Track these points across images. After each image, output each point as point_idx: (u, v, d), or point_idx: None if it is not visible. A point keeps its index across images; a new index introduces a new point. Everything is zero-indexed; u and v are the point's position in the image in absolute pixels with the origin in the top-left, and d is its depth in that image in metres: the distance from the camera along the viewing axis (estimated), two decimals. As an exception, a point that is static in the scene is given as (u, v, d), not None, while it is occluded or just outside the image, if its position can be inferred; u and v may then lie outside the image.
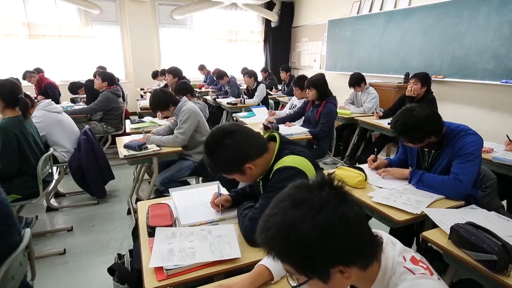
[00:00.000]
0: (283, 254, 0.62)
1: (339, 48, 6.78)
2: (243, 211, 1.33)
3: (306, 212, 0.61)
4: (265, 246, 0.65)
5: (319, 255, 0.60)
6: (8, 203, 1.17)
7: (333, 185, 0.65)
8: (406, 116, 1.67)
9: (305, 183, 0.67)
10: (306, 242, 0.59)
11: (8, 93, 2.14)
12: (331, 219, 0.60)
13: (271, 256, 0.65)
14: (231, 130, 1.22)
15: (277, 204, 0.66)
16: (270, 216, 0.65)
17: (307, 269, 0.62)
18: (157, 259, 1.10)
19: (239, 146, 1.20)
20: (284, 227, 0.61)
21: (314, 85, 3.07)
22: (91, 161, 2.99)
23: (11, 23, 6.30)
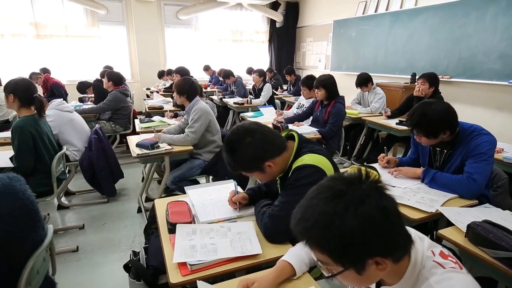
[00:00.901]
0: (323, 243, 0.64)
1: (345, 48, 6.80)
2: (261, 208, 1.36)
3: (348, 203, 0.63)
4: (303, 236, 0.67)
5: (359, 246, 0.62)
6: (34, 200, 1.19)
7: (372, 179, 0.67)
8: (424, 108, 1.68)
9: (343, 176, 0.69)
10: (348, 232, 0.62)
11: (24, 92, 2.17)
12: (373, 211, 0.62)
13: (308, 245, 0.67)
14: (251, 129, 1.24)
15: (315, 195, 0.68)
16: (309, 207, 0.67)
17: (345, 259, 0.65)
18: (180, 254, 1.13)
19: (259, 144, 1.22)
20: (325, 217, 0.63)
21: (323, 85, 3.08)
22: (101, 160, 3.02)
23: (19, 23, 6.36)
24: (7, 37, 6.29)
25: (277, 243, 1.23)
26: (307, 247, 0.69)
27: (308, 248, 1.05)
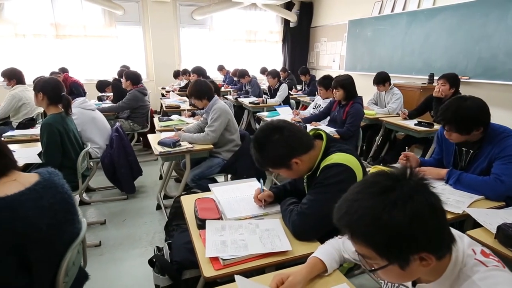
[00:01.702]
0: (369, 237, 0.66)
1: (360, 48, 6.75)
2: (287, 206, 1.37)
3: (397, 199, 0.64)
4: (348, 229, 0.69)
5: (406, 241, 0.64)
6: (72, 194, 1.24)
7: (419, 177, 0.68)
8: (459, 104, 1.64)
9: (388, 172, 0.71)
10: (396, 227, 0.63)
11: (53, 90, 2.24)
12: (422, 207, 0.64)
13: (353, 239, 0.68)
14: (279, 126, 1.26)
15: (360, 190, 0.70)
16: (355, 201, 0.69)
17: (390, 254, 0.66)
18: (212, 249, 1.15)
19: (287, 141, 1.24)
20: (373, 211, 0.65)
21: (342, 85, 3.08)
22: (122, 158, 3.09)
23: (40, 24, 6.53)
24: (29, 37, 6.47)
25: (305, 241, 1.24)
26: (351, 241, 0.70)
27: (344, 243, 1.08)
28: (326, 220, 1.25)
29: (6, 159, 1.10)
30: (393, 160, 3.72)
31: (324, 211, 1.24)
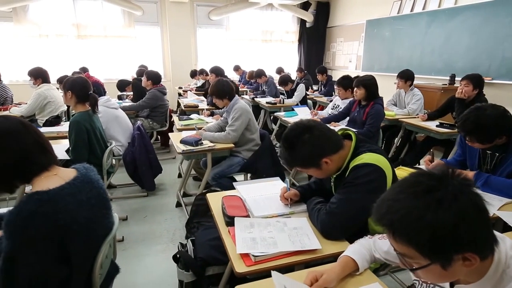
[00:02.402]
0: (412, 236, 0.66)
1: (377, 49, 6.68)
2: (314, 205, 1.38)
3: (442, 198, 0.65)
4: (390, 228, 0.69)
5: (450, 240, 0.64)
6: (105, 189, 1.28)
7: (462, 177, 0.69)
8: (478, 114, 1.63)
9: (430, 172, 0.71)
10: (440, 226, 0.63)
11: (80, 89, 2.31)
12: (466, 207, 0.64)
13: (395, 238, 0.69)
14: (310, 126, 1.27)
15: (402, 190, 0.70)
16: (396, 200, 0.69)
17: (432, 253, 0.66)
18: (242, 246, 1.17)
19: (318, 141, 1.25)
20: (417, 211, 0.65)
21: (364, 85, 3.06)
22: (143, 155, 3.15)
23: (62, 24, 6.72)
24: (52, 37, 6.67)
25: (333, 240, 1.25)
26: (391, 240, 0.71)
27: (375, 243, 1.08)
28: (355, 220, 1.27)
29: (49, 154, 1.15)
30: (412, 161, 3.67)
31: (353, 210, 1.25)
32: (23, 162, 1.07)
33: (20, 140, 1.08)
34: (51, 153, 1.16)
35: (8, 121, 1.10)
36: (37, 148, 1.11)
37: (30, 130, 1.12)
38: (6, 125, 1.08)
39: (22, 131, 1.09)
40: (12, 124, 1.09)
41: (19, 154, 1.07)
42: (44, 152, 1.12)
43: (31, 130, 1.12)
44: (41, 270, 1.01)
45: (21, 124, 1.11)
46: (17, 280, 0.99)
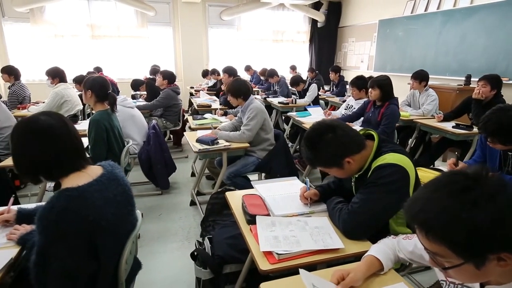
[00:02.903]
0: (446, 235, 0.67)
1: (390, 49, 6.62)
2: (335, 205, 1.39)
3: (478, 198, 0.65)
4: (423, 227, 0.70)
5: (486, 240, 0.64)
6: (130, 186, 1.31)
7: (497, 177, 0.68)
8: (500, 115, 1.61)
9: (464, 172, 0.71)
10: (476, 226, 0.63)
11: (100, 88, 2.36)
12: (503, 207, 0.64)
13: (428, 237, 0.69)
14: (333, 125, 1.27)
15: (436, 189, 0.70)
16: (430, 199, 0.69)
17: (467, 253, 0.66)
18: (265, 244, 1.18)
19: (341, 140, 1.25)
20: (452, 210, 0.66)
21: (379, 85, 3.04)
22: (158, 154, 3.19)
23: (77, 25, 6.84)
24: (67, 37, 6.79)
25: (355, 239, 1.25)
26: (424, 238, 0.71)
27: (399, 243, 1.08)
28: (377, 220, 1.27)
29: (80, 159, 1.17)
30: (427, 162, 3.63)
31: (376, 210, 1.25)
32: (54, 163, 1.10)
33: (60, 140, 1.11)
34: (83, 158, 1.18)
35: (54, 119, 1.13)
36: (72, 152, 1.14)
37: (70, 129, 1.15)
38: (49, 122, 1.11)
39: (65, 131, 1.12)
40: (55, 122, 1.12)
41: (54, 156, 1.10)
42: (78, 150, 1.15)
43: (70, 130, 1.15)
44: (72, 264, 1.03)
45: (62, 120, 1.14)
46: (49, 273, 1.02)
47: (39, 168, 1.11)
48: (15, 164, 1.12)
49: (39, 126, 1.10)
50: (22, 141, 1.10)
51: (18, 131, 1.12)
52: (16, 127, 1.13)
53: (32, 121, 1.12)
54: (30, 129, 1.11)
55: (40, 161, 1.09)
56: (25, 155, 1.10)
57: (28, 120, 1.13)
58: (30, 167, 1.12)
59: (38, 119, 1.12)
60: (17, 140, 1.10)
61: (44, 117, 1.13)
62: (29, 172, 1.13)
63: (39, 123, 1.11)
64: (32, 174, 1.13)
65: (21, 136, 1.10)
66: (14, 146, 1.11)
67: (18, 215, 1.35)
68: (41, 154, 1.08)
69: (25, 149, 1.10)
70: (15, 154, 1.11)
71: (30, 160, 1.10)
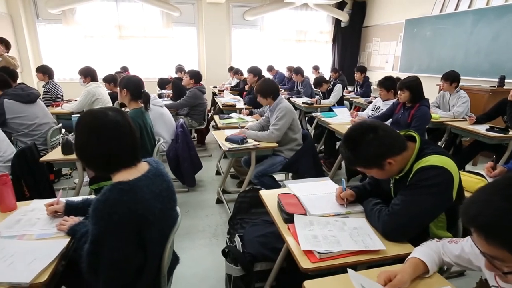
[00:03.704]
0: (506, 238, 0.66)
1: (417, 49, 6.47)
2: (373, 206, 1.38)
3: None
4: (482, 230, 0.69)
5: None
6: (173, 183, 1.35)
7: None
8: None
9: None
10: None
11: (135, 87, 2.43)
12: None
13: (487, 240, 0.68)
14: (374, 126, 1.26)
15: (495, 191, 0.69)
16: (488, 202, 0.69)
17: None
18: (305, 243, 1.19)
19: (383, 141, 1.24)
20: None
21: (408, 86, 2.98)
22: (185, 152, 3.25)
23: (106, 26, 7.07)
24: (96, 38, 7.03)
25: (395, 241, 1.24)
26: (482, 242, 0.70)
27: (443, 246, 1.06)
28: (418, 222, 1.26)
29: (136, 156, 1.21)
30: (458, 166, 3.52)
31: (417, 213, 1.23)
32: (114, 157, 1.14)
33: (120, 132, 1.15)
34: (138, 154, 1.22)
35: (113, 111, 1.17)
36: (133, 146, 1.19)
37: (132, 128, 1.19)
38: (117, 118, 1.16)
39: (124, 124, 1.17)
40: (115, 115, 1.16)
41: (115, 150, 1.14)
42: (135, 147, 1.20)
43: (132, 128, 1.20)
44: (122, 254, 1.08)
45: (123, 116, 1.19)
46: (101, 262, 1.07)
47: (99, 161, 1.15)
48: (78, 155, 1.17)
49: (107, 121, 1.14)
50: (88, 133, 1.14)
51: (85, 124, 1.15)
52: (83, 120, 1.16)
53: (100, 116, 1.15)
54: (98, 122, 1.14)
55: (102, 154, 1.13)
56: (90, 147, 1.14)
57: (96, 114, 1.16)
58: (93, 158, 1.16)
59: (106, 114, 1.16)
60: (84, 132, 1.14)
61: (111, 113, 1.17)
62: (90, 163, 1.18)
63: (107, 118, 1.14)
64: (93, 166, 1.18)
65: (88, 128, 1.14)
66: (79, 137, 1.15)
67: (66, 207, 1.42)
68: (104, 147, 1.12)
69: (90, 141, 1.13)
70: (80, 145, 1.15)
71: (94, 152, 1.14)
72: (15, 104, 2.89)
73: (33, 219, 1.39)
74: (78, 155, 1.18)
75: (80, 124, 1.16)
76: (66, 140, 2.34)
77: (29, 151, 2.44)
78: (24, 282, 1.00)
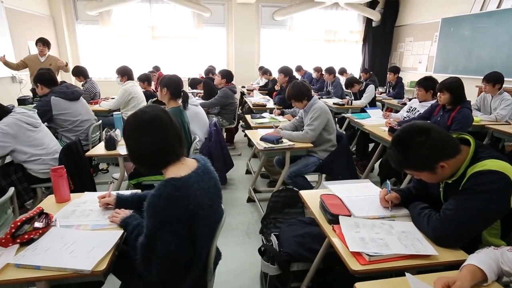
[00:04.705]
0: None
1: (454, 49, 6.21)
2: (421, 210, 1.34)
3: None
4: None
5: None
6: (218, 180, 1.38)
7: None
8: None
9: None
10: None
11: (175, 86, 2.50)
12: None
13: None
14: (426, 128, 1.23)
15: None
16: None
17: None
18: (353, 245, 1.18)
19: (436, 144, 1.20)
20: None
21: (448, 88, 2.87)
22: (218, 150, 3.31)
23: (140, 26, 7.32)
24: (130, 38, 7.30)
25: (447, 247, 1.20)
26: None
27: (502, 255, 1.02)
28: (472, 229, 1.21)
29: (183, 146, 1.26)
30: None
31: (472, 219, 1.19)
32: (165, 149, 1.19)
33: (166, 129, 1.20)
34: (183, 147, 1.27)
35: (158, 110, 1.23)
36: (176, 139, 1.23)
37: (173, 122, 1.24)
38: (156, 113, 1.21)
39: (168, 121, 1.22)
40: (161, 113, 1.22)
41: (163, 142, 1.19)
42: (180, 143, 1.24)
43: (174, 123, 1.24)
44: (175, 248, 1.12)
45: (167, 114, 1.24)
46: (155, 254, 1.12)
47: (151, 158, 1.20)
48: (131, 158, 1.24)
49: (147, 116, 1.19)
50: (134, 132, 1.20)
51: (129, 125, 1.22)
52: (127, 122, 1.23)
53: (139, 114, 1.22)
54: (140, 119, 1.20)
55: (149, 148, 1.18)
56: (138, 144, 1.19)
57: (136, 113, 1.23)
58: (138, 155, 1.22)
59: (145, 111, 1.22)
60: (130, 133, 1.21)
61: (150, 109, 1.23)
62: (137, 161, 1.24)
63: (147, 114, 1.20)
64: (145, 163, 1.23)
65: (133, 128, 1.20)
66: (128, 140, 1.22)
67: (117, 200, 1.48)
68: (149, 141, 1.17)
69: (136, 138, 1.19)
70: (127, 144, 1.22)
71: (142, 149, 1.19)
72: (60, 101, 3.05)
73: (86, 211, 1.47)
74: (131, 158, 1.24)
75: (126, 127, 1.23)
76: (109, 137, 2.45)
77: (74, 146, 2.56)
78: (86, 269, 1.06)
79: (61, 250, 1.15)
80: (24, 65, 4.95)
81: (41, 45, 4.86)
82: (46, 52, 4.93)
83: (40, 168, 2.40)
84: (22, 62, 4.94)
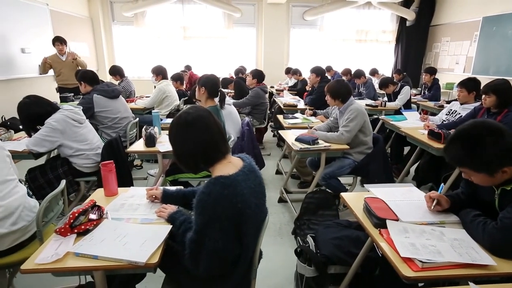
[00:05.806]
0: None
1: (496, 49, 5.90)
2: (474, 217, 1.28)
3: None
4: None
5: None
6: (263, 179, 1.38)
7: None
8: None
9: None
10: None
11: (212, 86, 2.54)
12: None
13: None
14: (500, 128, 1.17)
15: None
16: None
17: None
18: (404, 250, 1.15)
19: (506, 147, 1.14)
20: None
21: (494, 90, 2.72)
22: (250, 150, 3.32)
23: (172, 27, 7.50)
24: (163, 38, 7.50)
25: (504, 257, 1.14)
26: None
27: None
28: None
29: (226, 144, 1.28)
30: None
31: (535, 229, 1.12)
32: (210, 148, 1.22)
33: (210, 128, 1.23)
34: (227, 143, 1.29)
35: (201, 110, 1.26)
36: (220, 137, 1.25)
37: (216, 121, 1.27)
38: (200, 113, 1.24)
39: (212, 121, 1.24)
40: (204, 113, 1.25)
41: (208, 142, 1.22)
42: (224, 142, 1.26)
43: (217, 121, 1.27)
44: (222, 245, 1.13)
45: (210, 114, 1.27)
46: (203, 250, 1.14)
47: (196, 157, 1.22)
48: (177, 159, 1.27)
49: (191, 117, 1.22)
50: (179, 132, 1.23)
51: (174, 126, 1.25)
52: (172, 125, 1.26)
53: (182, 115, 1.25)
54: (183, 120, 1.23)
55: (194, 147, 1.20)
56: (182, 143, 1.23)
57: (179, 114, 1.27)
58: (185, 156, 1.25)
59: (188, 112, 1.25)
60: (176, 134, 1.24)
61: (193, 110, 1.26)
62: (183, 161, 1.27)
63: (191, 115, 1.23)
64: (191, 164, 1.26)
65: (178, 129, 1.24)
66: (174, 142, 1.25)
67: (164, 194, 1.53)
68: (197, 143, 1.20)
69: (181, 138, 1.23)
70: (173, 146, 1.26)
71: (188, 148, 1.22)
72: (102, 99, 3.19)
73: (134, 205, 1.52)
74: (177, 159, 1.27)
75: (171, 129, 1.25)
76: (149, 134, 2.52)
77: (115, 142, 2.67)
78: (140, 261, 1.10)
79: (115, 241, 1.20)
80: (50, 66, 5.09)
81: (59, 44, 4.93)
82: (65, 50, 5.05)
83: (84, 162, 2.52)
84: (48, 64, 5.09)
